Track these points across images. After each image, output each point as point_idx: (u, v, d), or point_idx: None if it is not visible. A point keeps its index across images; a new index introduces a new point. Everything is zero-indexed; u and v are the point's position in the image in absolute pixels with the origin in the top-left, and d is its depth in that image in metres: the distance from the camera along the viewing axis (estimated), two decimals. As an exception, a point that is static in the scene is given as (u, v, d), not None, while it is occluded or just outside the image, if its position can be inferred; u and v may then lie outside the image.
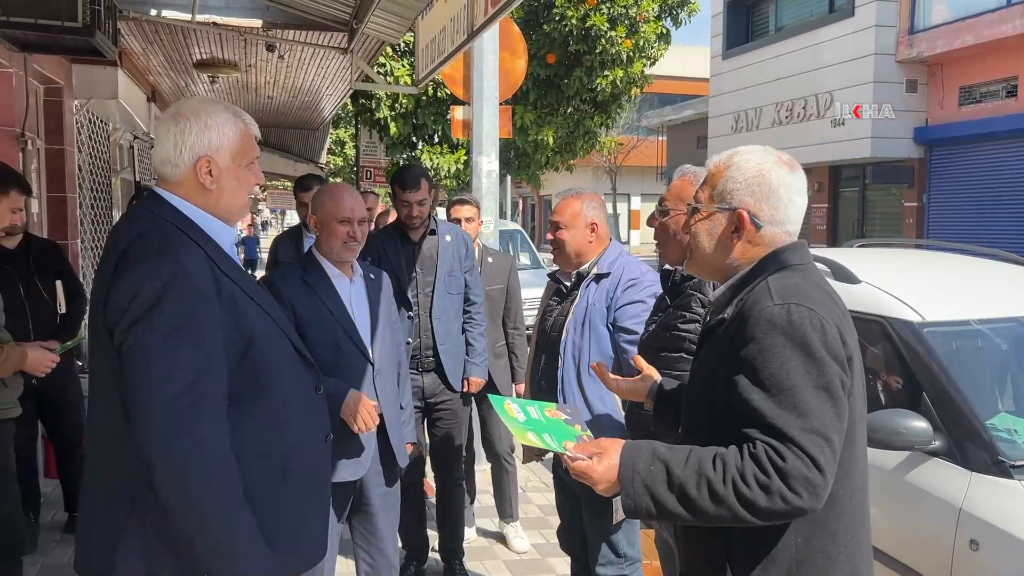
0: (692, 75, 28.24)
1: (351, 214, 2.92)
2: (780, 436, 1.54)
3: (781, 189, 1.71)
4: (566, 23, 9.25)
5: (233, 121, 1.87)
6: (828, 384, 1.56)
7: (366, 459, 2.98)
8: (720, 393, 1.64)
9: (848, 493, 1.66)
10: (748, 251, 1.74)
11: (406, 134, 9.99)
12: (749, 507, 1.55)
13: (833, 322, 1.60)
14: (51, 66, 5.96)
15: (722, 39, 20.01)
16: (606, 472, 1.67)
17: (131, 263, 1.71)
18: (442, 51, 4.86)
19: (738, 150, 1.78)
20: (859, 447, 1.68)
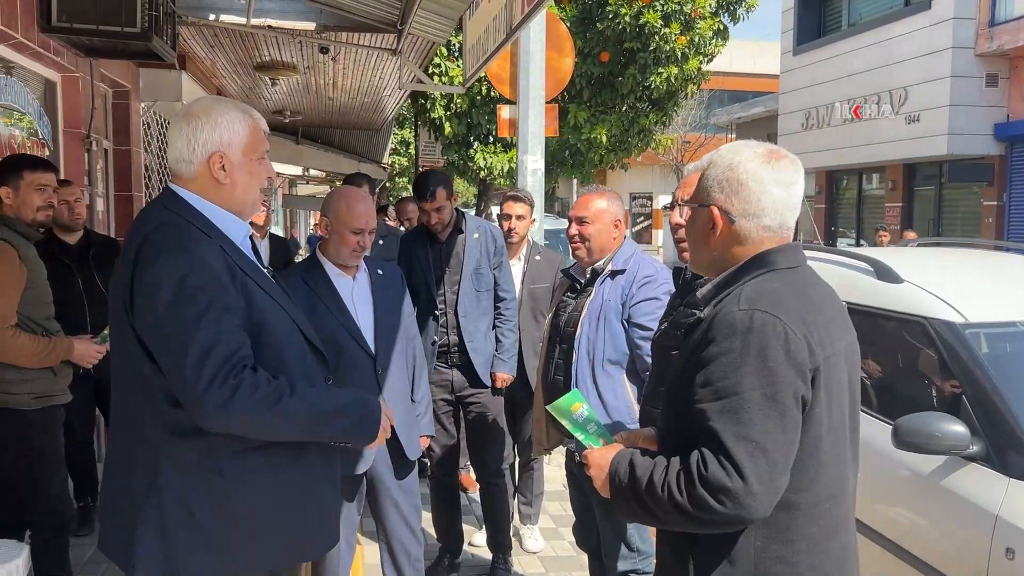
0: (762, 71, 27.66)
1: (364, 225, 2.97)
2: (714, 441, 1.53)
3: (751, 182, 1.69)
4: (619, 21, 9.18)
5: (242, 118, 1.95)
6: (777, 394, 1.53)
7: (370, 454, 3.01)
8: (685, 393, 1.63)
9: (811, 502, 1.62)
10: (732, 248, 1.73)
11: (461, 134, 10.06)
12: (683, 514, 1.55)
13: (801, 332, 1.56)
14: (119, 70, 6.23)
15: (793, 34, 19.55)
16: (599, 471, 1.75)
17: (151, 258, 1.79)
18: (486, 50, 4.89)
19: (721, 148, 1.78)
20: (829, 457, 1.63)
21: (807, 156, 18.96)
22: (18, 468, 3.12)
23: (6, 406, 3.05)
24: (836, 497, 1.66)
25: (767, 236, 1.71)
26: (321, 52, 6.46)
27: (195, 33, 6.44)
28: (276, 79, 8.06)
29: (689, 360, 1.65)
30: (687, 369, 1.65)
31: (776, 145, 1.76)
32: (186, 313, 1.73)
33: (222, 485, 1.82)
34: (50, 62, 4.93)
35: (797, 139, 19.13)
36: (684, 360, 1.69)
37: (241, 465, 1.84)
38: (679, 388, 1.67)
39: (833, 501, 1.65)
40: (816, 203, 20.17)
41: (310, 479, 1.97)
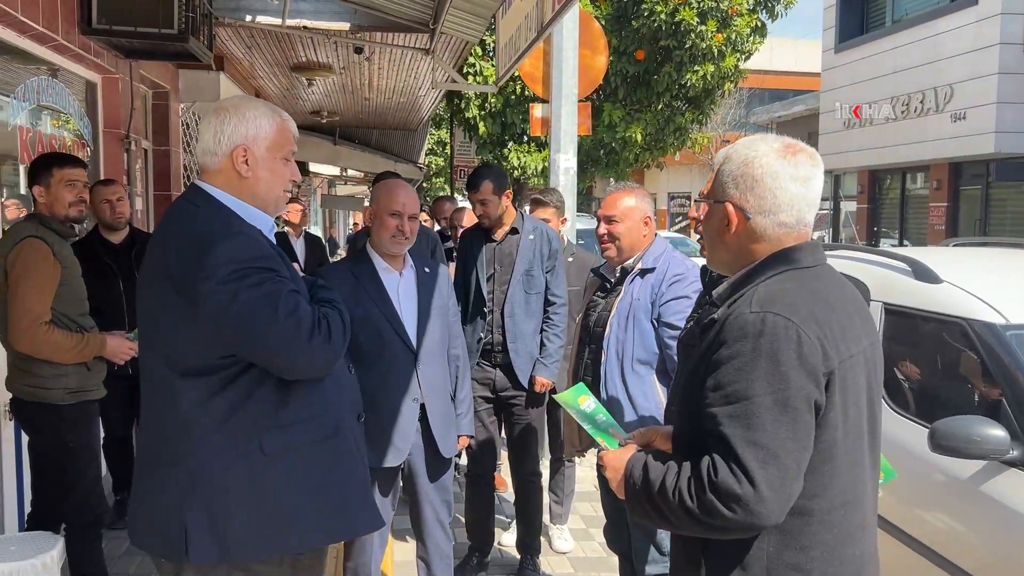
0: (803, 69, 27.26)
1: (402, 208, 3.00)
2: (724, 447, 1.50)
3: (766, 178, 1.64)
4: (655, 18, 9.10)
5: (270, 115, 2.00)
6: (788, 399, 1.48)
7: (405, 446, 3.04)
8: (696, 395, 1.60)
9: (825, 509, 1.58)
10: (748, 245, 1.69)
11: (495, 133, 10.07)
12: (694, 519, 1.52)
13: (815, 335, 1.52)
14: (159, 72, 6.34)
15: (835, 31, 19.24)
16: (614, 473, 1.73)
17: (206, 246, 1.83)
18: (518, 49, 4.88)
19: (736, 143, 1.74)
20: (844, 462, 1.59)
21: (849, 155, 18.66)
22: (52, 462, 3.18)
23: (41, 400, 3.11)
24: (852, 503, 1.61)
25: (784, 233, 1.67)
26: (356, 52, 6.50)
27: (232, 34, 6.52)
28: (312, 80, 8.13)
29: (700, 362, 1.62)
30: (698, 371, 1.62)
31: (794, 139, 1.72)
32: (259, 280, 1.82)
33: (263, 463, 1.86)
34: (91, 64, 5.02)
35: (839, 138, 18.83)
36: (696, 361, 1.65)
37: (279, 442, 1.87)
38: (691, 389, 1.63)
39: (848, 507, 1.61)
40: (858, 203, 19.83)
41: (349, 456, 2.01)
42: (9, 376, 3.21)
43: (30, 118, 4.44)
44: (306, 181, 16.76)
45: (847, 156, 18.79)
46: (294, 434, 1.89)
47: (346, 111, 11.03)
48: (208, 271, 1.80)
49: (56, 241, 3.11)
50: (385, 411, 3.00)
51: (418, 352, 3.05)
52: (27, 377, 3.12)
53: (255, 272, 1.82)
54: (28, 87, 4.38)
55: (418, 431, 3.08)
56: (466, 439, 3.37)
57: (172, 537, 1.85)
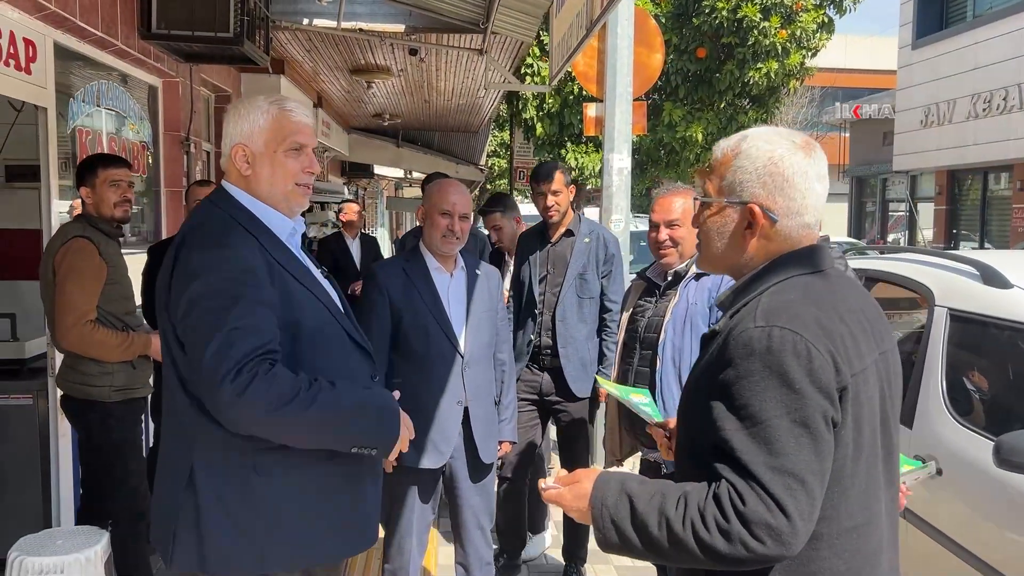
0: (878, 67, 26.44)
1: (452, 208, 2.98)
2: (746, 474, 1.37)
3: (796, 178, 1.52)
4: (716, 16, 8.89)
5: (265, 109, 1.94)
6: (807, 419, 1.37)
7: (446, 449, 3.00)
8: (699, 414, 1.48)
9: (835, 533, 1.45)
10: (765, 247, 1.56)
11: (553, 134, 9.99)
12: (710, 553, 1.39)
13: (825, 348, 1.40)
14: (221, 75, 6.47)
15: (912, 27, 18.58)
16: (575, 500, 1.55)
17: (188, 252, 1.82)
18: (570, 47, 4.80)
19: (747, 134, 1.60)
20: (855, 483, 1.47)
21: (926, 155, 17.98)
22: (100, 458, 3.24)
23: (88, 398, 3.17)
24: (864, 527, 1.48)
25: (805, 235, 1.56)
26: (410, 54, 6.52)
27: (291, 38, 6.62)
28: (371, 82, 8.21)
29: (702, 376, 1.51)
30: (699, 387, 1.51)
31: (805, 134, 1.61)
32: (215, 305, 1.74)
33: (257, 481, 1.82)
34: (151, 68, 5.14)
35: (915, 137, 18.18)
36: (698, 376, 1.54)
37: (275, 462, 1.83)
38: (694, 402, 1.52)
39: (860, 531, 1.48)
40: (936, 204, 19.10)
41: (349, 477, 1.95)
42: (60, 373, 3.29)
43: (91, 121, 4.56)
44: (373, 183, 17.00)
45: (924, 156, 18.12)
46: (287, 455, 1.83)
47: (407, 113, 11.11)
48: (181, 278, 1.79)
49: (103, 241, 3.17)
50: (428, 411, 2.97)
51: (465, 354, 3.02)
52: (75, 375, 3.18)
53: (219, 292, 1.75)
54: (88, 91, 4.50)
55: (460, 434, 3.05)
56: (508, 445, 3.31)
57: (165, 540, 1.86)
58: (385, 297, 2.98)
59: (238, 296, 1.74)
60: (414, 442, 2.95)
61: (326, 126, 10.18)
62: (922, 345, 3.23)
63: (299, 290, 1.90)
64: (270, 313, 1.79)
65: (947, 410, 3.03)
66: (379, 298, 2.98)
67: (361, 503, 2.00)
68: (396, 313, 2.97)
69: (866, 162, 23.04)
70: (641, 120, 5.70)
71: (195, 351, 1.75)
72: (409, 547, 3.08)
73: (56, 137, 3.97)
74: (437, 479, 3.10)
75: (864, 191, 24.96)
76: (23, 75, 3.71)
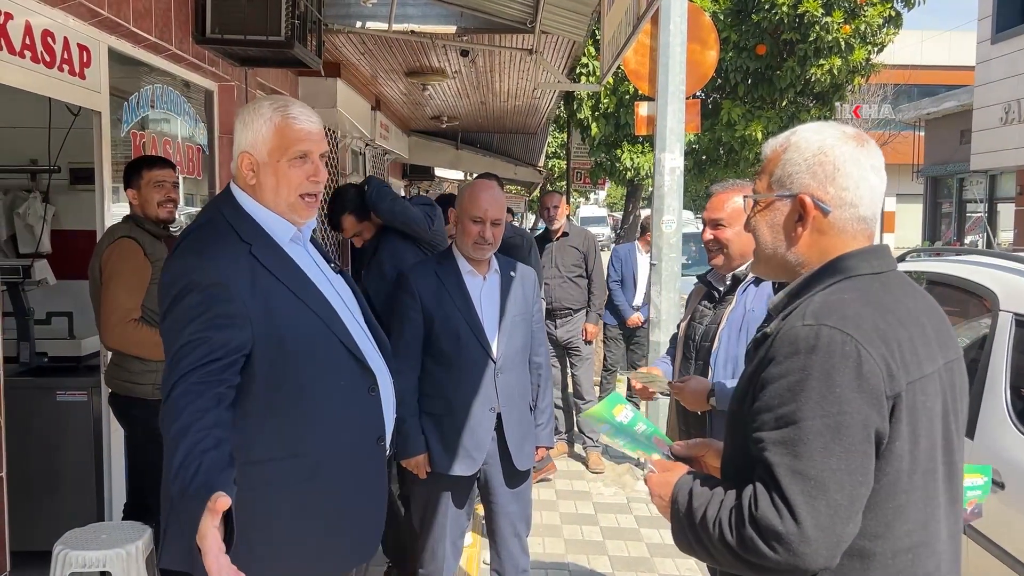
0: (956, 63, 25.49)
1: (484, 214, 2.92)
2: (768, 476, 1.31)
3: (848, 165, 1.45)
4: (776, 11, 8.62)
5: (269, 116, 1.90)
6: (842, 424, 1.28)
7: (479, 455, 2.95)
8: (743, 418, 1.42)
9: (888, 552, 1.36)
10: (818, 242, 1.48)
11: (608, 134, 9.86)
12: (735, 556, 1.34)
13: (878, 352, 1.31)
14: (278, 79, 6.55)
15: (991, 21, 17.81)
16: (659, 487, 1.56)
17: (175, 256, 1.84)
18: (619, 45, 4.72)
19: (796, 130, 1.54)
20: (912, 500, 1.37)
21: (1007, 153, 17.22)
22: (144, 455, 3.29)
23: (132, 395, 3.23)
24: (922, 547, 1.39)
25: (861, 229, 1.47)
26: (462, 55, 6.51)
27: (346, 41, 6.67)
28: (427, 84, 8.23)
29: (750, 381, 1.44)
30: (748, 391, 1.43)
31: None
32: (178, 316, 1.75)
33: (239, 496, 1.76)
34: (207, 72, 5.23)
35: (995, 135, 17.42)
36: (745, 381, 1.47)
37: (259, 476, 1.80)
38: (740, 412, 1.45)
39: (918, 551, 1.38)
40: (1017, 204, 18.28)
41: (332, 493, 1.89)
42: (107, 371, 3.36)
43: (146, 125, 4.67)
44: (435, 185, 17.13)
45: (1005, 154, 17.35)
46: (265, 472, 1.80)
47: (465, 116, 11.12)
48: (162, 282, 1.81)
49: (148, 241, 3.22)
50: (460, 417, 2.93)
51: (497, 359, 2.96)
52: (121, 372, 3.25)
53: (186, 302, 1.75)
54: (143, 95, 4.61)
55: (494, 440, 2.99)
56: (544, 450, 3.25)
57: (160, 536, 1.87)
58: (417, 301, 2.94)
59: (201, 312, 1.74)
60: (446, 448, 2.93)
61: (385, 128, 10.26)
62: (985, 352, 3.06)
63: (288, 301, 1.85)
64: (229, 327, 1.75)
65: (1011, 420, 2.87)
66: (410, 302, 2.95)
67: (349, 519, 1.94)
68: (428, 317, 2.93)
69: (942, 161, 22.20)
70: (695, 119, 5.56)
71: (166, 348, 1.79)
72: (442, 552, 3.05)
73: (110, 140, 4.07)
74: (471, 485, 3.05)
75: (940, 191, 24.06)
76: (77, 80, 3.81)
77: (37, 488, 3.84)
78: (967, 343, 3.33)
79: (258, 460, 1.80)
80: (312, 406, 1.85)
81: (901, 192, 29.87)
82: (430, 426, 2.93)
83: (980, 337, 3.20)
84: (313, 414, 1.86)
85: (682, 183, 5.36)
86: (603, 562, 4.21)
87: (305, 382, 1.84)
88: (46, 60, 3.50)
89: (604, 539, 4.52)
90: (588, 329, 5.89)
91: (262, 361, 1.79)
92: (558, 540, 4.45)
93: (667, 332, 5.42)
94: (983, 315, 3.24)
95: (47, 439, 3.87)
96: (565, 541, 4.45)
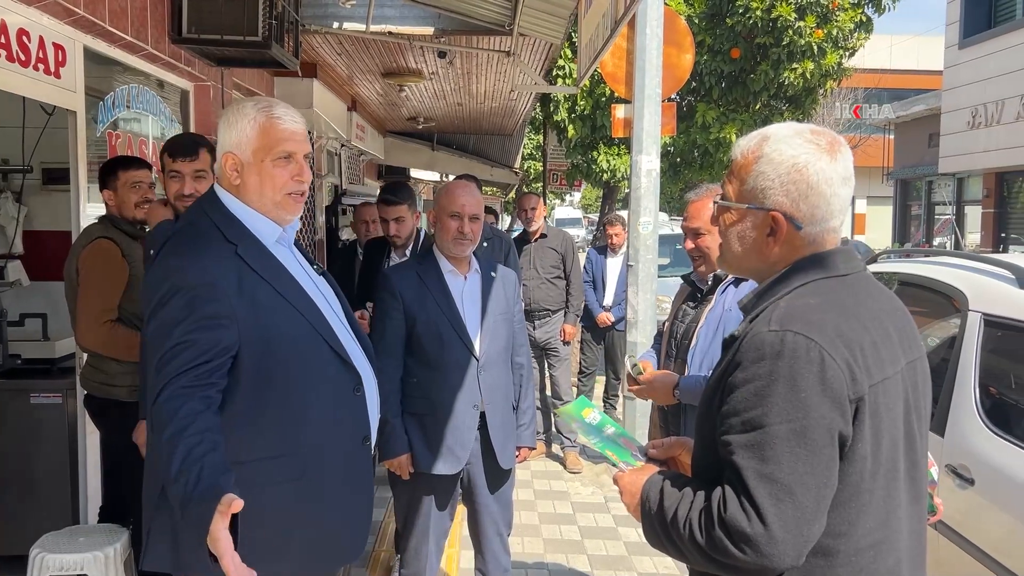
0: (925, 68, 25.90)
1: (461, 209, 2.94)
2: (737, 479, 1.35)
3: (822, 185, 1.46)
4: (750, 15, 8.73)
5: (253, 117, 1.90)
6: (807, 428, 1.32)
7: (463, 454, 2.97)
8: (711, 419, 1.45)
9: (851, 550, 1.40)
10: (789, 253, 1.52)
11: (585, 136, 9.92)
12: (704, 556, 1.38)
13: (841, 357, 1.35)
14: (254, 80, 6.52)
15: (959, 26, 18.14)
16: (629, 486, 1.60)
17: (160, 259, 1.84)
18: (596, 48, 4.76)
19: (767, 136, 1.53)
20: (874, 499, 1.41)
21: (974, 157, 17.53)
22: (120, 456, 3.26)
23: (109, 397, 3.20)
24: (882, 544, 1.43)
25: (829, 237, 1.51)
26: (439, 56, 6.52)
27: (323, 41, 6.65)
28: (403, 86, 8.23)
29: (717, 383, 1.47)
30: (715, 393, 1.47)
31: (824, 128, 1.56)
32: (166, 318, 1.74)
33: None
34: (183, 72, 5.20)
35: (962, 138, 17.74)
36: (713, 382, 1.50)
37: (247, 477, 1.78)
38: (708, 411, 1.48)
39: (878, 549, 1.42)
40: (983, 207, 18.61)
41: (319, 493, 1.89)
42: (83, 372, 3.33)
43: (122, 125, 4.63)
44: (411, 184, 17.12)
45: (972, 158, 17.68)
46: (252, 473, 1.80)
47: (441, 117, 11.13)
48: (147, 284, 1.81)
49: (125, 242, 3.20)
50: (443, 416, 2.95)
51: (480, 358, 2.98)
52: (97, 374, 3.22)
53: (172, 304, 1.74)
54: (119, 95, 4.57)
55: (477, 439, 3.01)
56: (527, 451, 3.27)
57: (144, 537, 1.87)
58: (398, 300, 2.95)
59: (188, 313, 1.73)
60: (430, 447, 2.94)
61: (361, 129, 10.23)
62: (954, 351, 3.13)
63: (274, 301, 1.86)
64: (217, 328, 1.75)
65: (980, 418, 2.93)
66: (392, 302, 2.96)
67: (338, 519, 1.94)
68: (410, 317, 2.94)
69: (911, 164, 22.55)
70: (671, 121, 5.62)
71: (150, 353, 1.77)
72: (426, 552, 3.06)
73: (86, 140, 4.03)
74: (455, 485, 3.06)
75: (909, 194, 24.43)
76: (53, 79, 3.77)
77: (12, 492, 3.80)
78: (937, 342, 3.40)
79: (245, 460, 1.80)
80: (299, 406, 1.86)
81: (872, 194, 30.29)
82: (413, 426, 2.94)
83: (950, 336, 3.27)
84: (300, 414, 1.86)
85: (658, 185, 5.41)
86: (582, 561, 4.25)
87: (292, 382, 1.84)
88: (21, 59, 3.46)
89: (583, 538, 4.55)
90: (566, 330, 5.92)
91: (249, 361, 1.79)
92: (537, 540, 4.48)
93: (644, 332, 5.47)
94: (953, 315, 3.31)
95: (21, 442, 3.82)
96: (544, 541, 4.48)
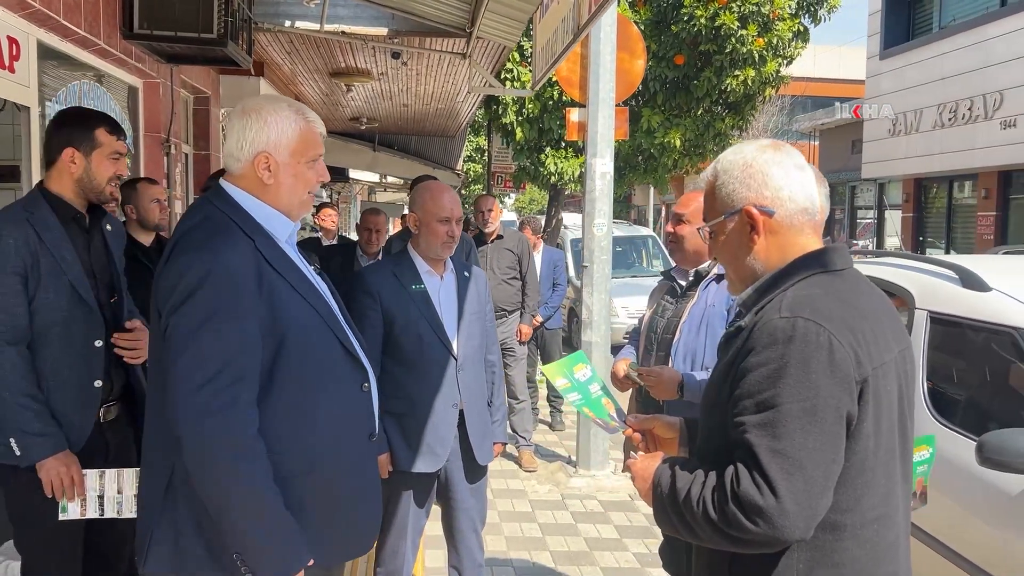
0: (847, 77, 26.88)
1: (450, 214, 2.98)
2: (749, 456, 1.44)
3: (773, 168, 1.62)
4: (695, 23, 8.99)
5: (294, 119, 1.92)
6: (817, 408, 1.42)
7: (443, 452, 3.00)
8: (723, 404, 1.54)
9: (858, 524, 1.51)
10: (775, 243, 1.63)
11: (532, 139, 10.02)
12: (718, 531, 1.47)
13: (847, 341, 1.46)
14: (200, 77, 6.42)
15: (880, 38, 18.90)
16: (642, 470, 1.68)
17: (178, 253, 1.80)
18: (554, 53, 4.83)
19: (719, 159, 1.72)
20: (877, 475, 1.52)
21: (894, 163, 18.29)
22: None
23: None
24: (885, 519, 1.54)
25: (807, 221, 1.63)
26: (393, 57, 6.52)
27: (272, 40, 6.58)
28: (351, 86, 8.19)
29: (727, 371, 1.56)
30: (724, 380, 1.56)
31: None
32: (194, 314, 1.72)
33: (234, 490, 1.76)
34: (132, 68, 5.09)
35: (883, 145, 18.47)
36: (722, 371, 1.59)
37: None
38: (717, 399, 1.58)
39: (882, 522, 1.53)
40: (903, 211, 19.43)
41: (328, 487, 1.91)
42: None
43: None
44: (347, 187, 16.88)
45: (892, 164, 18.43)
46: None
47: (385, 117, 11.09)
48: (168, 279, 1.77)
49: None
50: (423, 414, 2.96)
51: (458, 357, 3.01)
52: None
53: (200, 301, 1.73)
54: (71, 90, 4.45)
55: (456, 437, 3.05)
56: (500, 446, 3.32)
57: (143, 538, 1.84)
58: (376, 301, 2.95)
59: (216, 309, 1.73)
60: (409, 445, 2.96)
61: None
62: (904, 347, 3.30)
63: (290, 296, 1.86)
64: (245, 324, 1.76)
65: (928, 410, 3.10)
66: (369, 302, 2.95)
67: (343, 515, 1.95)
68: (388, 317, 2.95)
69: (835, 170, 23.37)
70: (623, 125, 5.75)
71: (169, 356, 1.74)
72: (403, 550, 3.08)
73: (39, 137, 3.92)
74: (432, 484, 3.09)
75: (833, 198, 25.31)
76: (6, 73, 3.66)
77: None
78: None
79: None
80: (311, 401, 1.86)
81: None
82: (391, 425, 2.95)
83: (898, 333, 3.45)
84: (311, 409, 1.87)
85: (612, 187, 5.53)
86: (545, 557, 4.31)
87: (305, 377, 1.85)
88: (-24, 53, 3.36)
89: (544, 535, 4.62)
90: (522, 330, 6.00)
91: (265, 355, 1.79)
92: (499, 538, 4.53)
93: (598, 331, 5.58)
94: (901, 313, 3.50)
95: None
96: (506, 539, 4.53)
